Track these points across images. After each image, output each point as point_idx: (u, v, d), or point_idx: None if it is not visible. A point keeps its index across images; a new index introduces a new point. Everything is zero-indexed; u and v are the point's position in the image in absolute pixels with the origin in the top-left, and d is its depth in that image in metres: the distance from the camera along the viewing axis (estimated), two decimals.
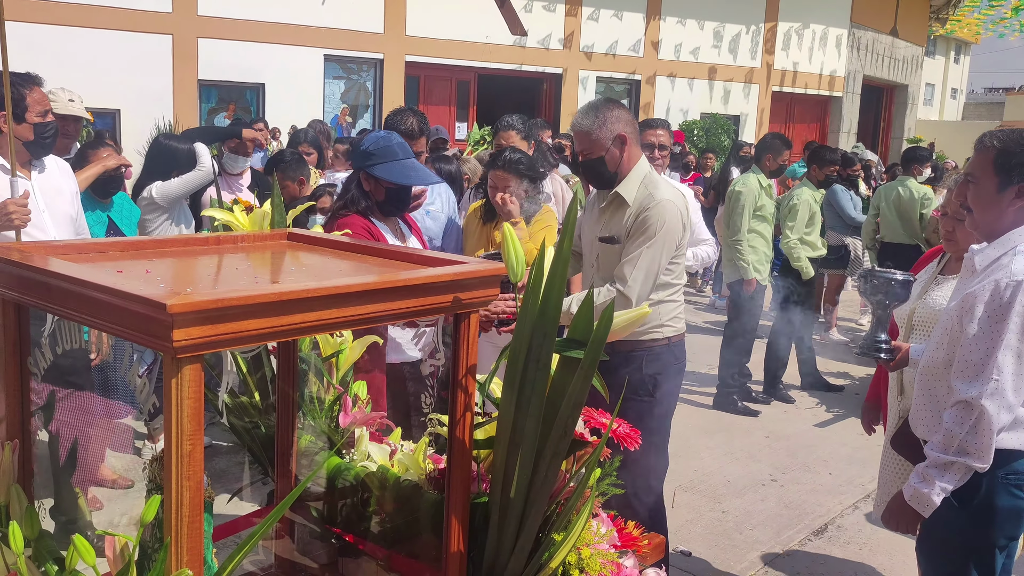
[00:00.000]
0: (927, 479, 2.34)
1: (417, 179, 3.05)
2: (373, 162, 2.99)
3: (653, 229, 2.98)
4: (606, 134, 3.08)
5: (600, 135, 3.08)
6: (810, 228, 6.49)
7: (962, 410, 2.28)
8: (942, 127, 26.95)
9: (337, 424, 1.94)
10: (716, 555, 4.05)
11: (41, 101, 3.36)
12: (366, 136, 3.23)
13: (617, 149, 3.09)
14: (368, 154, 3.01)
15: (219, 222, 2.08)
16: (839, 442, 5.68)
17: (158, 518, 1.27)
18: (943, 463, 2.31)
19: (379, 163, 2.98)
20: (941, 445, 2.32)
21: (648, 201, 3.03)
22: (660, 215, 2.99)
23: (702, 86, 17.24)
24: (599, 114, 3.09)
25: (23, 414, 1.51)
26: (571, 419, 1.45)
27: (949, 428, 2.30)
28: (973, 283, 2.37)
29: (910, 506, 2.38)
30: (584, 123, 3.10)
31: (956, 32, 28.01)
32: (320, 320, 1.29)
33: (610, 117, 3.10)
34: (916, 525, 2.42)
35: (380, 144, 3.02)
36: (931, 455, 2.34)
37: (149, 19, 11.54)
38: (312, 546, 1.92)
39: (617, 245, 3.07)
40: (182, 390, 1.15)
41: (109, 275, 1.32)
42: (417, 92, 14.39)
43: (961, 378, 2.30)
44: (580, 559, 1.53)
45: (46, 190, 3.52)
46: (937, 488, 2.32)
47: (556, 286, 1.43)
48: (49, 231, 3.45)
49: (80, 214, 3.74)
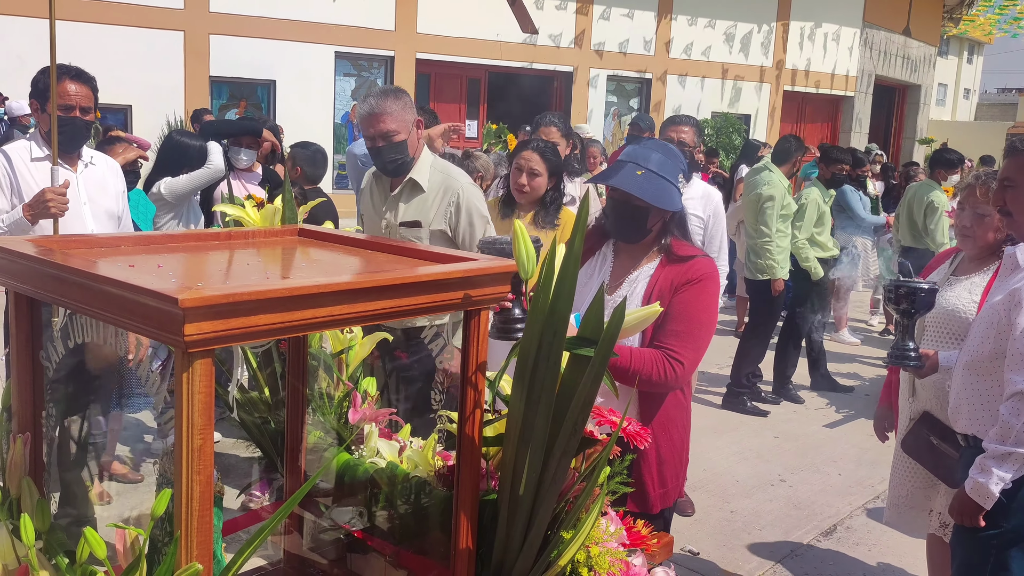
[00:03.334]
0: (985, 470, 2.39)
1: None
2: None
3: (485, 214, 3.26)
4: (410, 117, 3.17)
5: (406, 118, 3.16)
6: (819, 228, 6.46)
7: (1019, 402, 2.35)
8: (955, 127, 26.82)
9: (346, 420, 1.94)
10: (724, 555, 4.04)
11: (63, 94, 3.39)
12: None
13: (415, 134, 3.19)
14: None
15: (230, 218, 2.09)
16: (849, 443, 5.67)
17: (168, 512, 1.27)
18: (1001, 454, 2.37)
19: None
20: (999, 436, 2.38)
21: (453, 184, 3.25)
22: (473, 200, 3.24)
23: (713, 85, 17.20)
24: (400, 97, 3.17)
25: (35, 408, 1.51)
26: (581, 417, 1.45)
27: (1006, 420, 2.36)
28: (1015, 279, 2.46)
29: (971, 499, 2.42)
30: (393, 107, 3.12)
31: (969, 32, 27.83)
32: (331, 316, 1.29)
33: (408, 101, 3.19)
34: (979, 517, 2.44)
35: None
36: (989, 447, 2.40)
37: (161, 15, 11.58)
38: (321, 542, 1.92)
39: (422, 229, 3.20)
40: (193, 384, 1.15)
41: (121, 269, 1.33)
42: (428, 89, 14.40)
43: (1016, 370, 2.36)
44: (589, 557, 1.52)
45: (90, 184, 3.56)
46: (995, 478, 2.37)
47: (567, 284, 1.42)
48: (88, 224, 3.50)
49: (126, 214, 3.77)
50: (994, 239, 2.99)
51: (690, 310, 2.43)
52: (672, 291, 2.45)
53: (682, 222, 2.58)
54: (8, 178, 3.39)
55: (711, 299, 2.49)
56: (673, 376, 2.39)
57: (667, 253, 2.52)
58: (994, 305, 2.49)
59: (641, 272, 2.53)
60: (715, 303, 2.54)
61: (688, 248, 2.54)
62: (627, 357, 2.36)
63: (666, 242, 2.52)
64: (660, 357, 2.39)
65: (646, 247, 2.54)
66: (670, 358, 2.40)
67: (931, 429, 2.93)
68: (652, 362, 2.38)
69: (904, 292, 2.72)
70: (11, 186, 3.38)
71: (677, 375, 2.40)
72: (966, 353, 2.57)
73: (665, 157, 2.45)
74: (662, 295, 2.44)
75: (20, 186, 3.39)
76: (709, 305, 2.48)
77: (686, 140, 4.29)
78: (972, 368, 2.54)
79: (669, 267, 2.49)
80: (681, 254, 2.51)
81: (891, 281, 2.78)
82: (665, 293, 2.44)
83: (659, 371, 2.38)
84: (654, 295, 2.45)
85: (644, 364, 2.36)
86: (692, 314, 2.43)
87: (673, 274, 2.47)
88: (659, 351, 2.41)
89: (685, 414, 2.61)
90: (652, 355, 2.39)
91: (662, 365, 2.38)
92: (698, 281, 2.46)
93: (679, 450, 2.58)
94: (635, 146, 2.53)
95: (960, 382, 2.59)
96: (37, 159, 3.45)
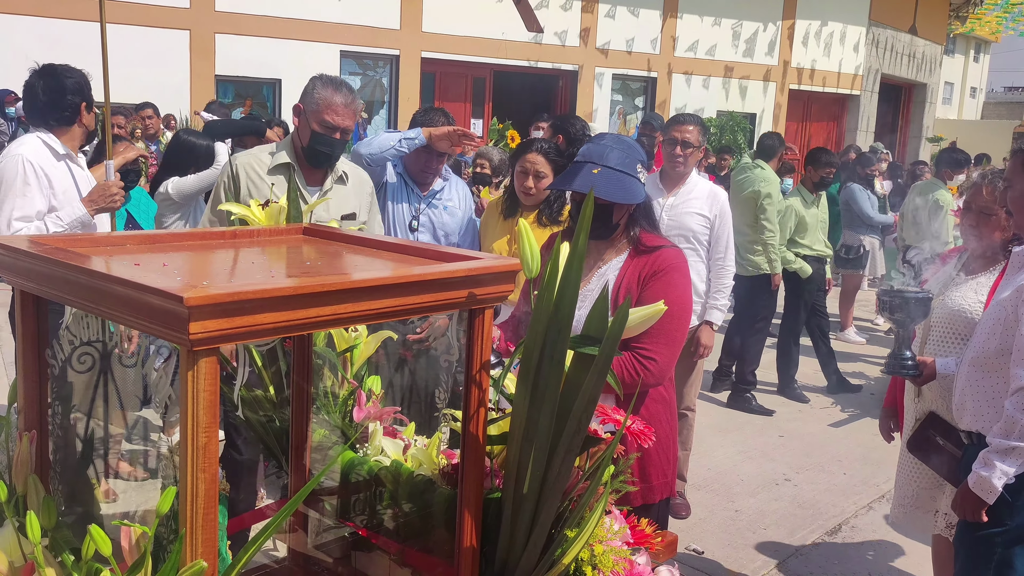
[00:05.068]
0: (988, 464, 2.39)
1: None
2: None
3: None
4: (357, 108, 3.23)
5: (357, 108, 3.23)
6: (801, 233, 6.43)
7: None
8: (961, 126, 26.73)
9: (351, 419, 1.95)
10: (728, 554, 4.04)
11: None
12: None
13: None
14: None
15: (235, 216, 2.09)
16: (854, 442, 5.66)
17: (173, 510, 1.27)
18: (1005, 449, 2.36)
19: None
20: (1003, 431, 2.38)
21: (363, 174, 3.33)
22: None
23: (719, 84, 17.16)
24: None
25: (41, 405, 1.52)
26: (585, 415, 1.45)
27: (1011, 415, 2.36)
28: (1023, 275, 2.46)
29: (974, 493, 2.42)
30: (351, 96, 3.18)
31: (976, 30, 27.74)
32: (335, 314, 1.29)
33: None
34: (981, 512, 2.44)
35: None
36: (993, 441, 2.40)
37: (167, 15, 11.60)
38: (326, 540, 1.93)
39: (355, 221, 3.21)
40: (198, 383, 1.15)
41: (126, 268, 1.33)
42: (433, 88, 14.40)
43: (1022, 364, 2.36)
44: (593, 555, 1.53)
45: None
46: (998, 472, 2.37)
47: (571, 282, 1.43)
48: (106, 221, 3.60)
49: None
50: (1000, 238, 2.98)
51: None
52: (639, 283, 2.46)
53: (648, 212, 2.60)
54: (43, 179, 3.34)
55: (680, 290, 2.48)
56: (647, 374, 2.38)
57: (635, 245, 2.54)
58: (1001, 301, 2.48)
59: (610, 266, 2.55)
60: (686, 293, 2.53)
61: (655, 239, 2.56)
62: None
63: (634, 234, 2.54)
64: (629, 358, 2.38)
65: (614, 240, 2.56)
66: (641, 358, 2.39)
67: (937, 429, 2.92)
68: (620, 365, 2.37)
69: (897, 302, 2.73)
70: (48, 186, 3.35)
71: (652, 372, 2.39)
72: (972, 349, 2.57)
73: (621, 151, 2.46)
74: (629, 287, 2.45)
75: (55, 185, 3.37)
76: (679, 297, 2.47)
77: (690, 140, 4.25)
78: (978, 364, 2.54)
79: (637, 259, 2.52)
80: (649, 244, 2.53)
81: (883, 291, 2.77)
82: (632, 286, 2.46)
83: (631, 372, 2.37)
84: (622, 288, 2.46)
85: (614, 368, 2.35)
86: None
87: (640, 265, 2.49)
88: (629, 352, 2.39)
89: (669, 409, 2.60)
90: (619, 358, 2.37)
91: (632, 366, 2.38)
92: (664, 272, 2.46)
93: (664, 447, 2.56)
94: (591, 145, 2.53)
95: (965, 378, 2.59)
96: (59, 157, 3.44)
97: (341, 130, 3.13)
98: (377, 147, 3.56)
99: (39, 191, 3.29)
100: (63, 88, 3.44)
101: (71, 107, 3.47)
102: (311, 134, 3.12)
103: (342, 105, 3.13)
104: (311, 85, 3.20)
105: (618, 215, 2.51)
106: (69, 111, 3.47)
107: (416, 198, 3.70)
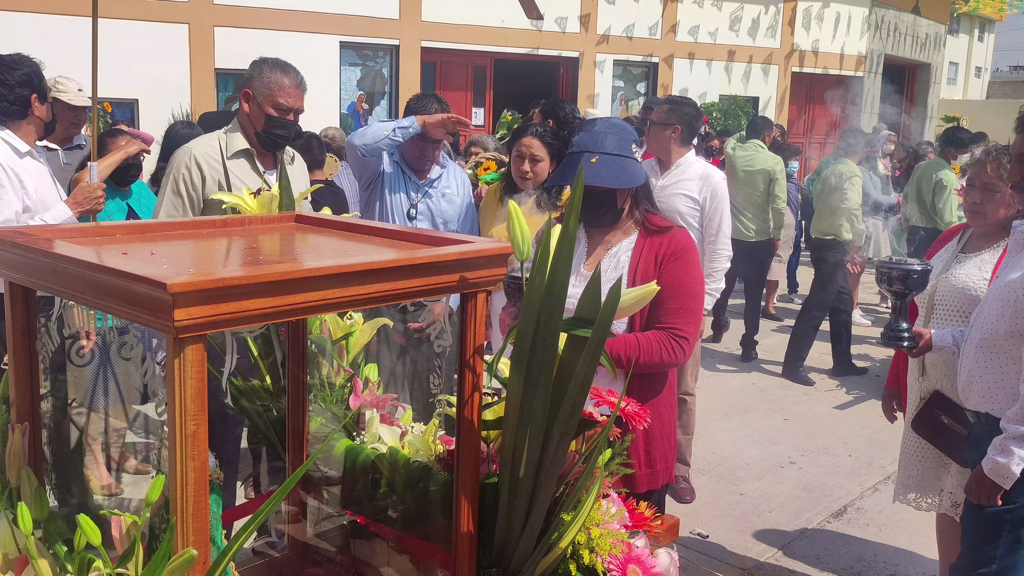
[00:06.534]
0: (1005, 451, 2.37)
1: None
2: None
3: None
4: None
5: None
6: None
7: None
8: (966, 106, 26.54)
9: (348, 406, 1.94)
10: (733, 537, 4.04)
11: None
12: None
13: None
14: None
15: (227, 205, 2.08)
16: (859, 424, 5.64)
17: (165, 499, 1.27)
18: (1021, 434, 2.35)
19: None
20: (1018, 416, 2.36)
21: (297, 155, 3.42)
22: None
23: (721, 68, 17.06)
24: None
25: (32, 397, 1.51)
26: (579, 398, 1.44)
27: None
28: None
29: (990, 479, 2.41)
30: (299, 76, 3.23)
31: (980, 9, 27.52)
32: (323, 300, 1.28)
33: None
34: (997, 497, 2.43)
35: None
36: (1008, 427, 2.38)
37: (165, 9, 11.57)
38: (324, 528, 1.92)
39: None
40: (184, 370, 1.14)
41: (113, 257, 1.32)
42: (433, 78, 14.34)
43: None
44: (590, 539, 1.52)
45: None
46: (1016, 458, 2.35)
47: (563, 264, 1.41)
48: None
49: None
50: (1004, 215, 2.95)
51: (683, 284, 2.46)
52: (656, 264, 2.47)
53: (648, 191, 2.62)
54: (13, 178, 3.25)
55: (696, 269, 2.54)
56: (682, 354, 2.43)
57: (643, 225, 2.55)
58: (1010, 283, 2.45)
59: (621, 246, 2.55)
60: (700, 273, 2.60)
61: (661, 220, 2.58)
62: (636, 347, 2.38)
63: (640, 214, 2.56)
64: (666, 338, 2.41)
65: (619, 222, 2.57)
66: (676, 337, 2.43)
67: (941, 408, 2.90)
68: (660, 345, 2.41)
69: (896, 273, 2.71)
70: (20, 185, 3.27)
71: (685, 352, 2.44)
72: (979, 331, 2.54)
73: (615, 135, 2.47)
74: (647, 268, 2.46)
75: (27, 184, 3.27)
76: (697, 276, 2.54)
77: (654, 118, 4.44)
78: (986, 346, 2.51)
79: (649, 239, 2.52)
80: (658, 225, 2.55)
81: (882, 262, 2.77)
82: (650, 267, 2.47)
83: (669, 352, 2.41)
84: (639, 268, 2.47)
85: (653, 350, 2.39)
86: (685, 288, 2.46)
87: (655, 246, 2.50)
88: (663, 332, 2.42)
89: (671, 391, 2.62)
90: (658, 338, 2.41)
91: (670, 346, 2.41)
92: (682, 253, 2.49)
93: (668, 429, 2.58)
94: (584, 134, 2.53)
95: (973, 360, 2.56)
96: (20, 154, 3.34)
97: (294, 111, 3.15)
98: (371, 137, 3.53)
99: (12, 191, 3.20)
100: (8, 81, 3.31)
101: (20, 100, 3.33)
102: (266, 118, 3.13)
103: (293, 86, 3.14)
104: (257, 70, 3.19)
105: (621, 199, 2.52)
106: (18, 104, 3.33)
107: (414, 187, 3.69)
